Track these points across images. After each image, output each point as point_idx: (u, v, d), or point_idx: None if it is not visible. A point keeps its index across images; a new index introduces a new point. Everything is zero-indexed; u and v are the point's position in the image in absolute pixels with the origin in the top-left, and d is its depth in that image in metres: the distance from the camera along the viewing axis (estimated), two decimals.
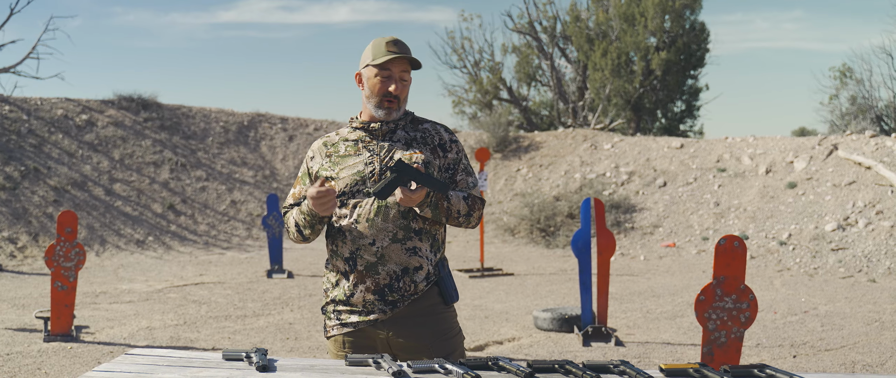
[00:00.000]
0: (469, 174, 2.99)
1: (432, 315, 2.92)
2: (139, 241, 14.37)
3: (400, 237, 2.86)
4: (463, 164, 2.99)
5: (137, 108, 18.37)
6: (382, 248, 2.85)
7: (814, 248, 12.27)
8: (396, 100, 2.90)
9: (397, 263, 2.86)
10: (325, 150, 2.99)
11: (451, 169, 2.96)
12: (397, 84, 2.88)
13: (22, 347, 6.81)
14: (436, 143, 2.96)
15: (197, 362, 2.59)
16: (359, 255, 2.87)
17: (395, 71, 2.89)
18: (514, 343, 7.25)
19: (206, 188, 16.91)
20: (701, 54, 24.15)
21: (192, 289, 10.26)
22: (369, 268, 2.86)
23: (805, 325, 8.02)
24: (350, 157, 2.93)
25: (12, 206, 14.12)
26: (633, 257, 13.47)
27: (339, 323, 2.94)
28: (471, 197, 2.94)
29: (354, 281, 2.89)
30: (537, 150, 18.85)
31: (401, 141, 2.94)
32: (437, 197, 2.83)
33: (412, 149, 2.91)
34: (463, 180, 2.97)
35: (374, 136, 2.94)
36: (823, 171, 14.22)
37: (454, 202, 2.88)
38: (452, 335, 2.96)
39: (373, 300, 2.88)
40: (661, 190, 15.67)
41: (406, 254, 2.86)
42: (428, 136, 2.97)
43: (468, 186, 2.97)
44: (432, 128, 3.00)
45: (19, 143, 15.81)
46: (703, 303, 4.51)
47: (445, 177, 2.95)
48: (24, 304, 9.00)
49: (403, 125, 2.97)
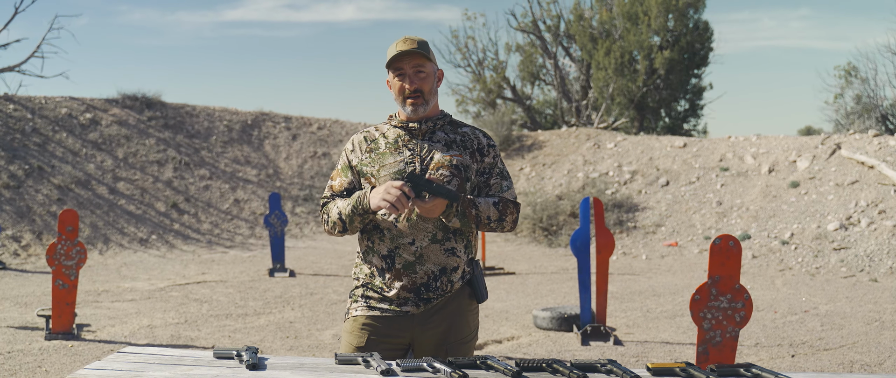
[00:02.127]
0: (504, 178, 2.99)
1: (460, 314, 2.94)
2: (142, 240, 14.41)
3: (439, 238, 2.88)
4: (499, 168, 2.99)
5: (141, 106, 18.43)
6: (422, 248, 2.87)
7: (816, 247, 12.27)
8: (419, 94, 2.89)
9: (436, 263, 2.89)
10: (365, 145, 2.99)
11: (486, 173, 2.97)
12: (412, 79, 2.89)
13: (23, 345, 6.85)
14: (474, 147, 2.96)
15: (188, 360, 2.61)
16: (397, 253, 2.89)
17: (407, 67, 2.90)
18: (513, 342, 7.27)
19: (209, 187, 16.96)
20: (704, 53, 24.12)
21: (194, 287, 10.30)
22: (407, 266, 2.89)
23: (805, 324, 8.02)
24: (390, 155, 2.93)
25: (16, 204, 14.17)
26: (635, 256, 13.48)
27: (367, 306, 2.95)
28: (503, 202, 2.93)
29: (391, 278, 2.91)
30: (540, 149, 18.86)
31: (441, 142, 2.95)
32: (464, 205, 2.84)
33: (452, 151, 2.92)
34: (497, 184, 2.97)
35: (413, 136, 2.95)
36: (826, 170, 14.20)
37: (483, 209, 2.88)
38: (471, 338, 3.00)
39: (408, 297, 2.90)
40: (664, 189, 15.67)
41: (445, 254, 2.89)
42: (467, 139, 2.98)
43: (501, 190, 2.97)
44: (471, 132, 3.00)
45: (24, 142, 15.87)
46: (699, 302, 4.52)
47: (481, 180, 2.96)
48: (27, 302, 9.04)
49: (442, 126, 2.99)
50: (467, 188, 2.92)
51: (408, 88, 2.89)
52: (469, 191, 2.94)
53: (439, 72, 3.00)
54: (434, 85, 2.95)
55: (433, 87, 2.94)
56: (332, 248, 14.51)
